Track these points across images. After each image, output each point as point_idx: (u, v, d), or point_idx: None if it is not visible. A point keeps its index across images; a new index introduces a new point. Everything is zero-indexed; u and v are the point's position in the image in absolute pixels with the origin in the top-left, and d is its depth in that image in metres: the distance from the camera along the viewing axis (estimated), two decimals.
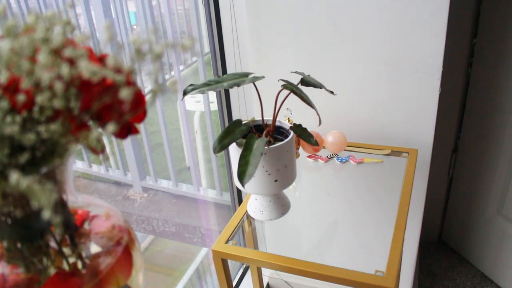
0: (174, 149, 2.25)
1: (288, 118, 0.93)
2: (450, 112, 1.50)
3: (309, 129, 0.73)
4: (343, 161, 1.01)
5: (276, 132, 0.75)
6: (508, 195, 1.43)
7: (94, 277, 0.38)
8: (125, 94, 0.30)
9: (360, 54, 1.01)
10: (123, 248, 0.41)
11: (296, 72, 0.75)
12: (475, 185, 1.53)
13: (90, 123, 0.32)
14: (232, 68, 1.19)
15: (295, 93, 0.69)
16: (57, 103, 0.29)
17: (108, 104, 0.31)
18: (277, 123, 0.75)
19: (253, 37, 1.08)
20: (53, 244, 0.38)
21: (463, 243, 1.67)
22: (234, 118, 1.26)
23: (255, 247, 0.93)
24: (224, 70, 1.20)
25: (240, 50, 1.15)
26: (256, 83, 0.69)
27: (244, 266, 1.47)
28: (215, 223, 1.93)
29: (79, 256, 0.39)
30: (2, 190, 0.29)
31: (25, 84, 0.29)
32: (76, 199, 0.40)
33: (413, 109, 1.03)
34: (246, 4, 1.04)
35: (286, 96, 0.70)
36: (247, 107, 1.24)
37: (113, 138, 0.34)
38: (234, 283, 1.41)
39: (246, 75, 0.69)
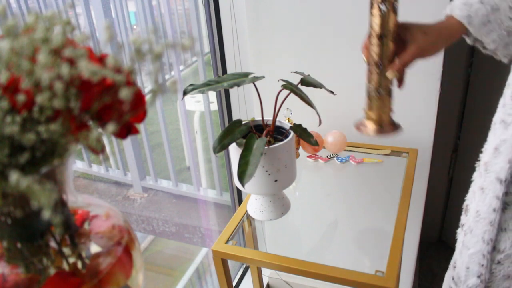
0: (174, 149, 2.26)
1: (288, 118, 0.93)
2: (450, 112, 1.50)
3: (309, 129, 0.73)
4: (343, 161, 1.01)
5: (276, 132, 0.75)
6: None
7: (94, 277, 0.38)
8: (125, 94, 0.30)
9: (360, 54, 1.01)
10: (123, 248, 0.41)
11: (296, 72, 0.75)
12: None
13: (90, 123, 0.32)
14: (232, 68, 1.19)
15: (295, 93, 0.69)
16: (57, 103, 0.29)
17: (108, 104, 0.31)
18: (277, 123, 0.75)
19: (253, 37, 1.08)
20: (53, 244, 0.38)
21: None
22: (234, 118, 1.26)
23: (255, 247, 0.93)
24: (224, 70, 1.20)
25: (240, 50, 1.15)
26: (256, 83, 0.69)
27: (244, 266, 1.47)
28: (215, 223, 1.93)
29: (79, 256, 0.39)
30: (2, 190, 0.29)
31: (25, 84, 0.29)
32: (76, 199, 0.40)
33: (413, 109, 1.03)
34: (246, 4, 1.04)
35: (286, 96, 0.70)
36: (247, 107, 1.24)
37: (113, 138, 0.34)
38: (234, 283, 1.41)
39: (246, 75, 0.69)
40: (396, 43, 0.72)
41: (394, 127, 0.79)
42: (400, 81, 0.74)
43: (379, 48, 0.72)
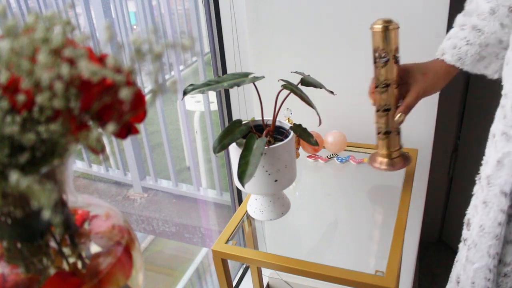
0: (174, 149, 2.26)
1: (288, 118, 0.93)
2: (450, 112, 1.50)
3: (309, 129, 0.73)
4: (343, 161, 1.01)
5: (276, 132, 0.75)
6: None
7: (94, 277, 0.38)
8: (125, 94, 0.30)
9: (360, 54, 1.01)
10: (123, 248, 0.41)
11: (296, 72, 0.75)
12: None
13: (90, 123, 0.32)
14: (232, 68, 1.19)
15: (295, 93, 0.69)
16: (57, 103, 0.29)
17: (108, 104, 0.31)
18: (277, 123, 0.75)
19: (253, 37, 1.08)
20: (53, 244, 0.38)
21: None
22: (234, 118, 1.26)
23: (255, 247, 0.93)
24: (224, 70, 1.20)
25: (240, 50, 1.15)
26: (256, 83, 0.69)
27: (244, 266, 1.47)
28: (215, 223, 1.93)
29: (79, 256, 0.39)
30: (2, 190, 0.29)
31: (25, 84, 0.29)
32: (76, 199, 0.40)
33: (413, 109, 1.03)
34: (246, 4, 1.04)
35: (286, 96, 0.70)
36: (247, 107, 1.24)
37: (113, 138, 0.34)
38: (234, 283, 1.41)
39: (246, 75, 0.69)
40: (399, 86, 0.80)
41: (404, 161, 0.87)
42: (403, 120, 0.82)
43: (386, 94, 0.80)
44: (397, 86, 0.80)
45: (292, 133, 0.72)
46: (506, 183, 0.56)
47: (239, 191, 1.40)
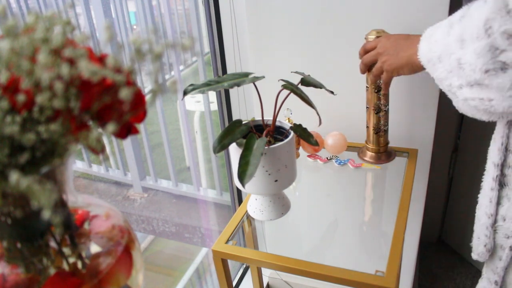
0: (174, 149, 2.26)
1: (288, 118, 0.93)
2: (450, 112, 1.50)
3: (309, 129, 0.73)
4: (342, 164, 1.01)
5: (276, 132, 0.75)
6: None
7: (94, 277, 0.38)
8: (125, 94, 0.30)
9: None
10: (123, 248, 0.41)
11: (296, 72, 0.75)
12: (475, 185, 1.53)
13: (90, 123, 0.32)
14: (232, 68, 1.19)
15: (295, 93, 0.69)
16: (57, 103, 0.29)
17: (108, 104, 0.31)
18: (277, 123, 0.75)
19: (253, 37, 1.08)
20: (53, 244, 0.38)
21: (463, 243, 1.68)
22: (234, 118, 1.26)
23: (255, 247, 0.93)
24: (224, 70, 1.20)
25: (240, 50, 1.15)
26: (256, 83, 0.69)
27: (244, 266, 1.47)
28: (215, 223, 1.93)
29: (79, 256, 0.39)
30: (2, 190, 0.29)
31: (25, 84, 0.29)
32: (76, 199, 0.40)
33: (413, 109, 1.03)
34: (246, 4, 1.04)
35: (286, 96, 0.70)
36: (247, 107, 1.24)
37: (113, 138, 0.34)
38: (234, 283, 1.41)
39: (246, 75, 0.69)
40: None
41: (389, 157, 0.99)
42: None
43: (377, 96, 0.91)
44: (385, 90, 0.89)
45: (292, 133, 0.72)
46: (495, 156, 0.69)
47: (239, 191, 1.40)
